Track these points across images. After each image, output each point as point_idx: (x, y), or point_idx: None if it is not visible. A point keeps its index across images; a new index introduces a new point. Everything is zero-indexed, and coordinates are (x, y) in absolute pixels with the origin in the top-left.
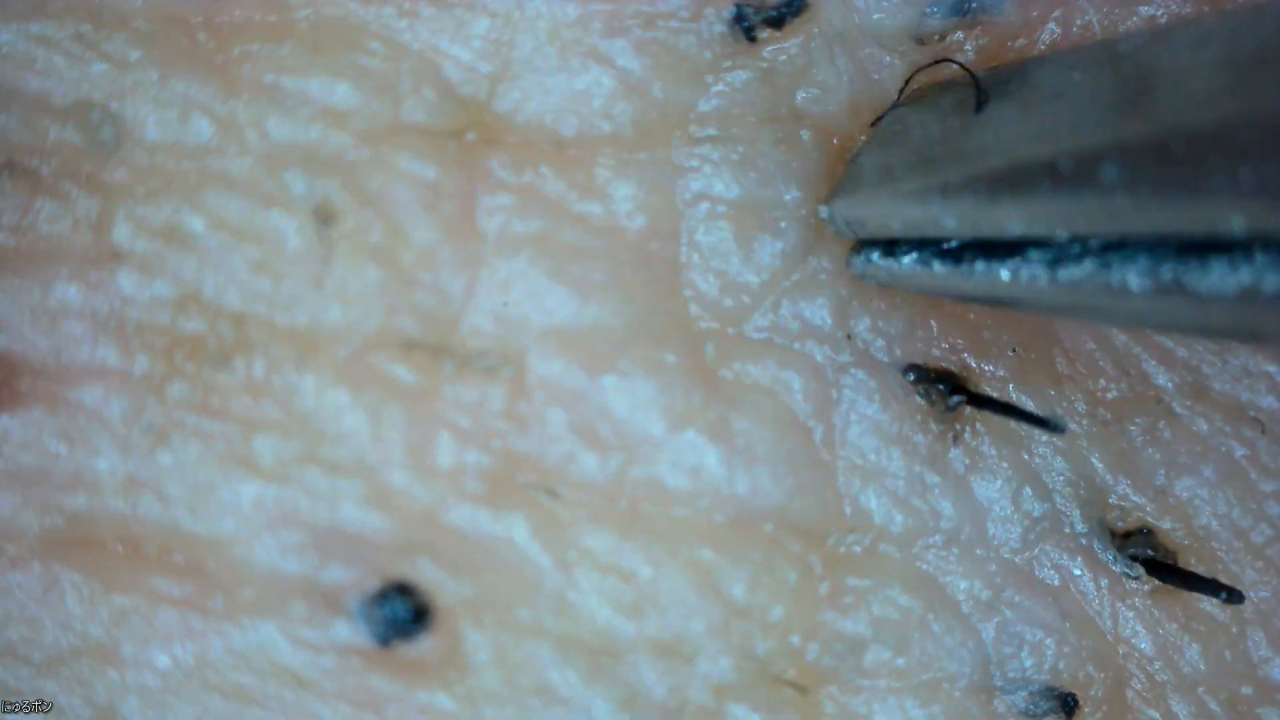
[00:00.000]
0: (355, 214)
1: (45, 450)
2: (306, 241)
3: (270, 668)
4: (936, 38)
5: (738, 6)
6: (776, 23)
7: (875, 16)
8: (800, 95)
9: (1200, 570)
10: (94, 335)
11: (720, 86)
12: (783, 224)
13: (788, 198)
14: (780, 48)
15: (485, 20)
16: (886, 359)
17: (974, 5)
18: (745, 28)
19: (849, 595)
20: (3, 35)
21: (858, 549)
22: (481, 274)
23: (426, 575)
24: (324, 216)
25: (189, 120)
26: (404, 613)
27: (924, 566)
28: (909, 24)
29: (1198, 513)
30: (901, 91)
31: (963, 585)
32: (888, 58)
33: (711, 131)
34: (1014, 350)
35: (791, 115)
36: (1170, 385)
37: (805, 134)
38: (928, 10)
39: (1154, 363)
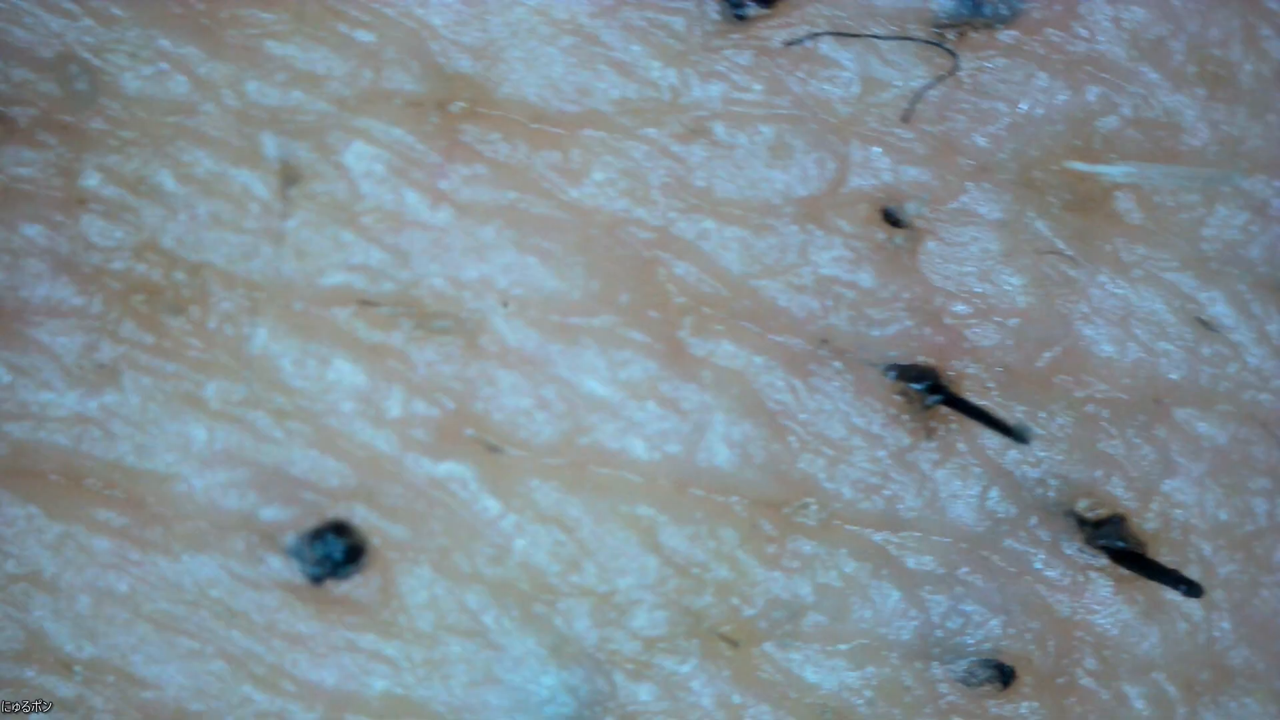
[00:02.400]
0: (321, 175)
1: None
2: (271, 198)
3: (204, 600)
4: (957, 33)
5: None
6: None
7: None
8: (800, 80)
9: (1169, 561)
10: (53, 274)
11: (713, 68)
12: (778, 219)
13: (785, 195)
14: (777, 25)
15: None
16: (867, 355)
17: (990, 1)
18: (733, 4)
19: (794, 559)
20: None
21: (810, 520)
22: (446, 239)
23: (364, 518)
24: (290, 176)
25: (168, 77)
26: (338, 551)
27: (877, 540)
28: (917, 6)
29: (1180, 505)
30: (913, 107)
31: (912, 561)
32: (896, 45)
33: (702, 115)
34: (1002, 367)
35: (794, 103)
36: (1175, 387)
37: (808, 125)
38: None
39: (1164, 364)
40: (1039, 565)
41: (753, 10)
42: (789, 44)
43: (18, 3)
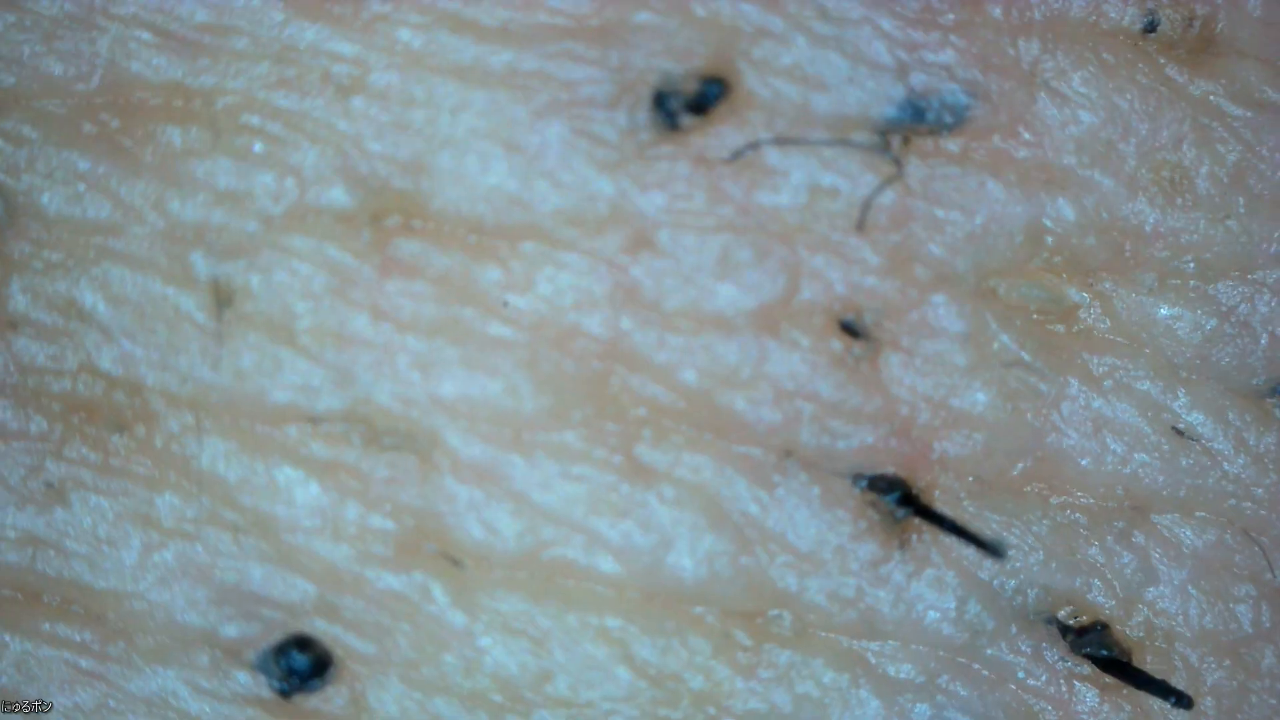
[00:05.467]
0: (255, 295)
1: None
2: (205, 319)
3: (172, 714)
4: (901, 139)
5: (657, 91)
6: (698, 108)
7: (815, 101)
8: (743, 189)
9: (1155, 669)
10: None
11: (651, 178)
12: (731, 331)
13: (736, 306)
14: (713, 134)
15: (399, 105)
16: (834, 467)
17: (934, 108)
18: (667, 113)
19: (770, 669)
20: None
21: (784, 630)
22: (390, 357)
23: (328, 630)
24: (223, 296)
25: (87, 198)
26: (303, 664)
27: (855, 649)
28: (858, 114)
29: (1163, 613)
30: (863, 216)
31: (891, 669)
32: (841, 152)
33: (644, 226)
34: (974, 477)
35: (739, 212)
36: (1153, 496)
37: (755, 235)
38: (876, 104)
39: (1142, 473)
40: (1022, 674)
41: (687, 120)
42: (732, 158)
43: None
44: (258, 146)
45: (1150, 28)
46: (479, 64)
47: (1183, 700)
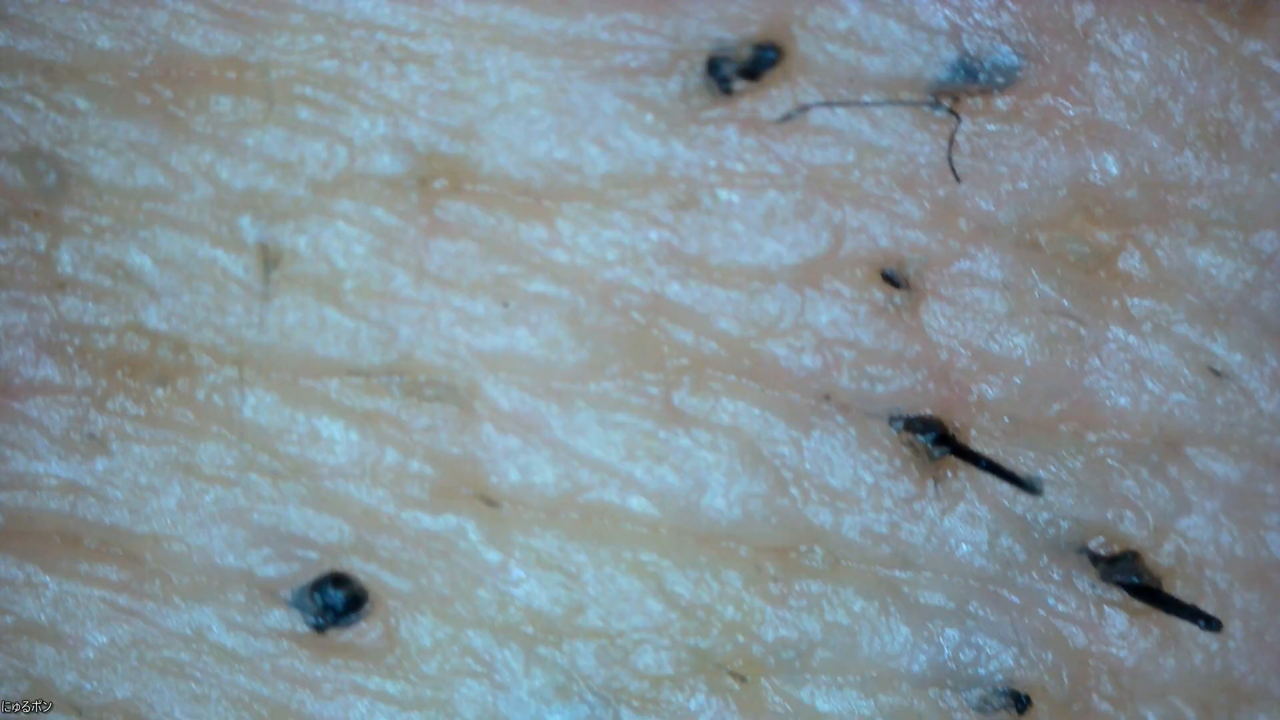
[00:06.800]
0: (302, 257)
1: None
2: (252, 280)
3: (206, 648)
4: (951, 99)
5: (711, 57)
6: (751, 73)
7: (869, 64)
8: (791, 149)
9: (1185, 595)
10: (36, 354)
11: (700, 141)
12: (774, 284)
13: (779, 261)
14: (764, 97)
15: (452, 73)
16: (871, 410)
17: (985, 69)
18: (720, 79)
19: (802, 599)
20: None
21: (815, 562)
22: (433, 314)
23: (363, 569)
24: (271, 258)
25: (138, 166)
26: (338, 600)
27: (885, 578)
28: (911, 76)
29: (1194, 541)
30: (951, 159)
31: (922, 597)
32: (890, 112)
33: (691, 186)
34: (1009, 418)
35: (785, 171)
36: (1188, 432)
37: (801, 193)
38: (929, 67)
39: (1178, 413)
40: (1051, 600)
41: (739, 85)
42: (781, 119)
43: None
44: (309, 116)
45: None
46: (533, 32)
47: (1212, 623)
